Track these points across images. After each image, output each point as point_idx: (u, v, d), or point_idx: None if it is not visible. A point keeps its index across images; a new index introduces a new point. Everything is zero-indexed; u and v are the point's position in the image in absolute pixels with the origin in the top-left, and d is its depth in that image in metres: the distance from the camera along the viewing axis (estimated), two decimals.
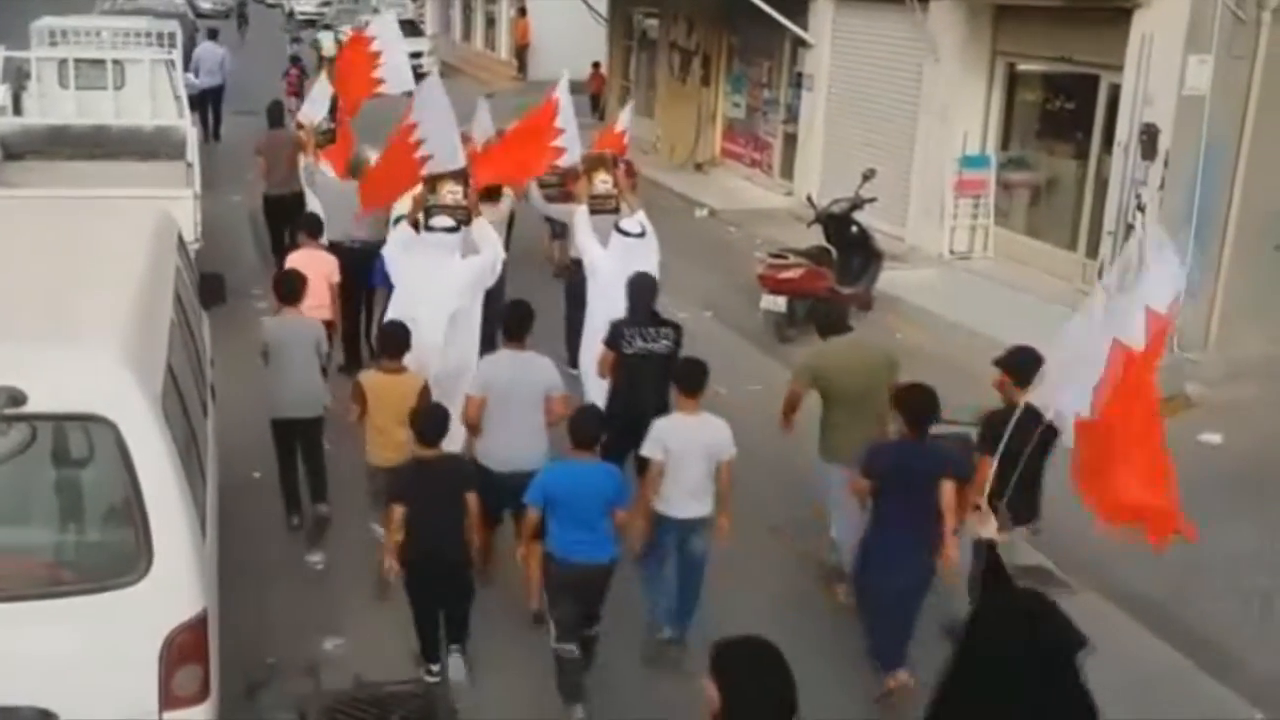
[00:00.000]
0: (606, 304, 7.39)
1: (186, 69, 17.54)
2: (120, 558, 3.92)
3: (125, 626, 3.87)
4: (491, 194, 9.00)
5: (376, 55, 9.81)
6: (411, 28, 31.64)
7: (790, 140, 16.28)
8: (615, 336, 6.77)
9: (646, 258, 7.73)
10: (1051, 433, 4.85)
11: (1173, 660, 6.20)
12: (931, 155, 12.82)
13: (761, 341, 10.70)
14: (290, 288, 7.13)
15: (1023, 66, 12.46)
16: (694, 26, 18.59)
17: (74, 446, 4.08)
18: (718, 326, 11.05)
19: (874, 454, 5.61)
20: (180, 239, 6.37)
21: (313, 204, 9.67)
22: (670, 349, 6.73)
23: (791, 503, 7.65)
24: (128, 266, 5.00)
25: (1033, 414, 4.78)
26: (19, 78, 13.97)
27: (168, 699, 3.92)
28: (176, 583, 3.94)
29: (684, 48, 19.03)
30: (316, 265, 8.05)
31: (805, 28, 15.07)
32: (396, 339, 6.43)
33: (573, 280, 8.93)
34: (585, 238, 8.02)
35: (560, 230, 10.87)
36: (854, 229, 11.16)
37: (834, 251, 10.93)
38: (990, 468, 4.89)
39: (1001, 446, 4.70)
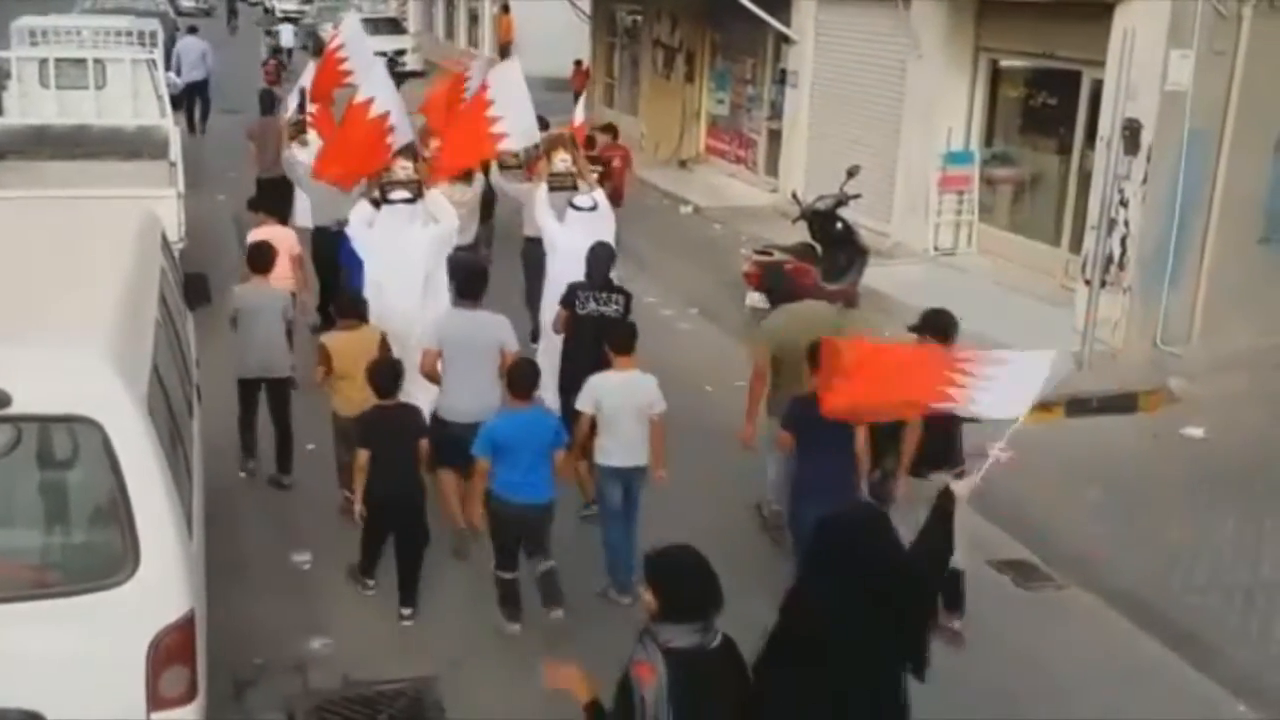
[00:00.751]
0: (566, 274, 7.74)
1: (168, 68, 17.48)
2: (107, 559, 3.90)
3: (112, 628, 3.85)
4: (464, 176, 9.40)
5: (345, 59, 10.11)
6: (394, 26, 31.62)
7: (775, 137, 16.30)
8: (570, 297, 7.35)
9: (601, 229, 8.20)
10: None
11: (1156, 653, 6.24)
12: (915, 151, 12.86)
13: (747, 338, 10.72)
14: (261, 258, 7.65)
15: (1006, 62, 12.50)
16: (677, 23, 18.60)
17: (59, 448, 4.05)
18: (703, 323, 11.07)
19: (792, 406, 6.02)
20: (164, 239, 6.34)
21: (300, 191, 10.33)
22: (619, 313, 7.24)
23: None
24: (112, 267, 4.98)
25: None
26: None
27: (155, 700, 3.90)
28: (163, 584, 3.92)
29: (667, 44, 19.05)
30: (278, 240, 8.46)
31: (789, 24, 15.09)
32: (351, 303, 7.15)
33: (531, 256, 9.39)
34: (543, 214, 8.44)
35: None
36: (839, 225, 11.18)
37: (819, 248, 10.95)
38: (918, 430, 5.59)
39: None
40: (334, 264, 8.89)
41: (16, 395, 3.78)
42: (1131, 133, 9.68)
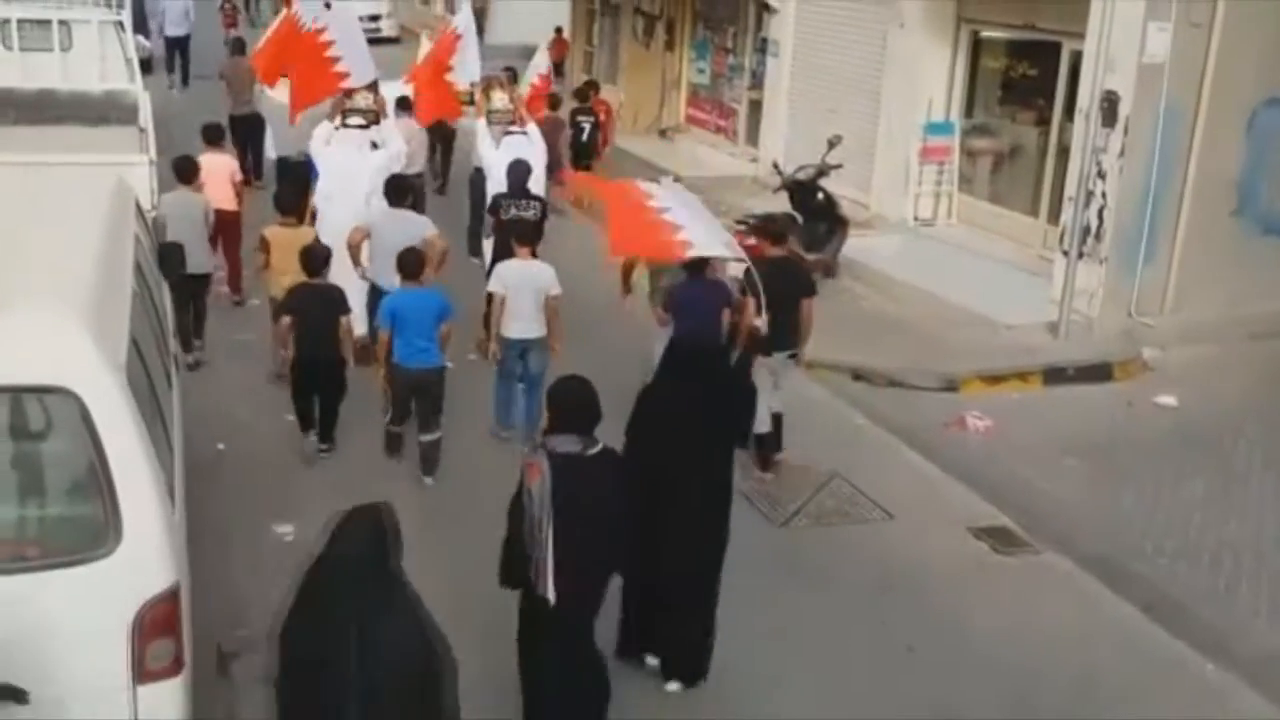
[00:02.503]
0: (498, 189, 9.51)
1: (138, 30, 17.18)
2: (89, 531, 3.86)
3: (96, 601, 3.81)
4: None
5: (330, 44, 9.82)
6: None
7: (755, 107, 16.23)
8: (495, 205, 9.17)
9: (531, 153, 9.87)
10: (805, 280, 7.65)
11: (1129, 615, 6.34)
12: (896, 122, 12.84)
13: None
14: (184, 170, 9.07)
15: (986, 33, 12.48)
16: None
17: (36, 420, 4.00)
18: None
19: (670, 291, 7.48)
20: (138, 206, 6.25)
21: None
22: (536, 216, 8.88)
23: (750, 461, 7.70)
24: (86, 234, 4.89)
25: (786, 264, 7.56)
26: None
27: (141, 673, 3.88)
28: (147, 556, 3.89)
29: (648, 12, 18.89)
30: (219, 166, 9.97)
31: None
32: (290, 202, 8.80)
33: (476, 183, 11.11)
34: (482, 142, 10.34)
35: None
36: (820, 196, 11.19)
37: (799, 218, 10.94)
38: (750, 304, 7.01)
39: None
40: (303, 190, 9.60)
41: None
42: (1109, 105, 9.70)
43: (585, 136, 14.36)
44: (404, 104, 11.56)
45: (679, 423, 5.23)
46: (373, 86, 9.51)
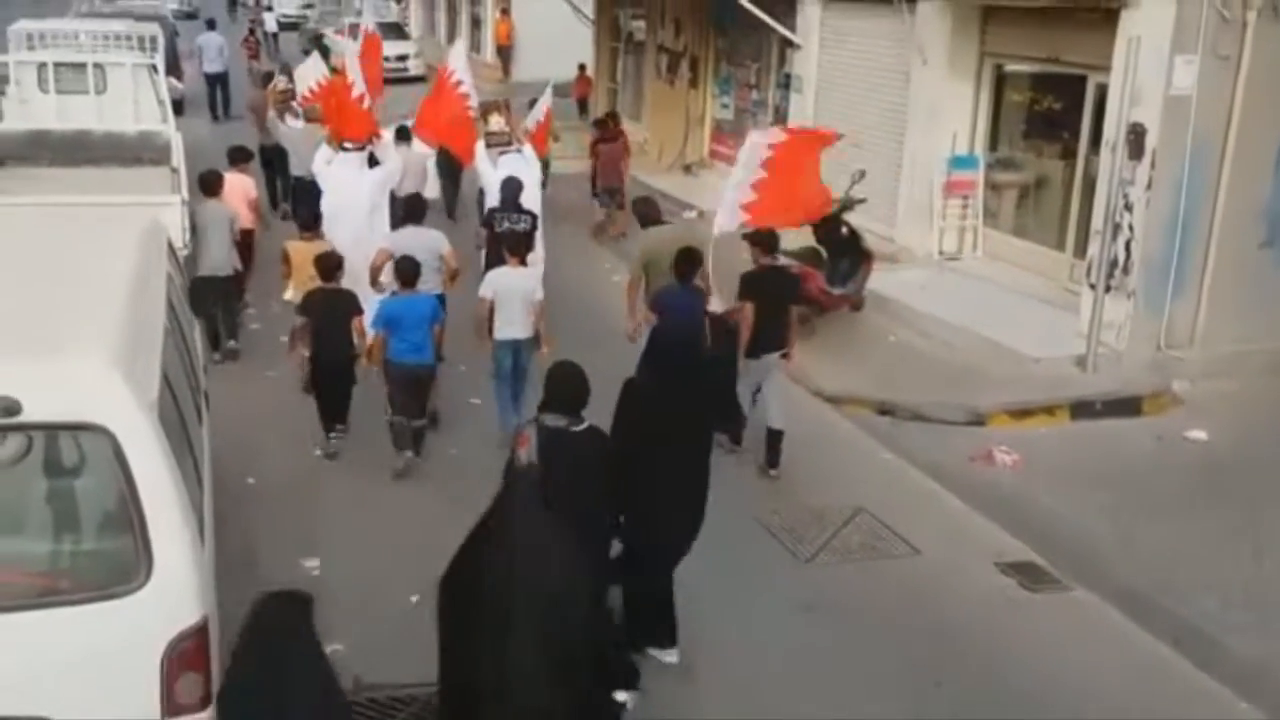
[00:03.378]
0: (493, 204, 10.31)
1: (170, 72, 17.50)
2: (120, 566, 3.91)
3: (126, 635, 3.86)
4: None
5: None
6: (397, 31, 31.65)
7: None
8: (489, 218, 10.06)
9: (524, 171, 10.57)
10: (792, 287, 8.40)
11: (1161, 653, 6.26)
12: (920, 156, 12.86)
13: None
14: (208, 182, 10.07)
15: (1010, 67, 12.51)
16: (681, 28, 18.61)
17: (70, 456, 4.05)
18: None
19: (658, 296, 8.24)
20: (170, 245, 6.35)
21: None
22: (527, 229, 9.59)
23: (777, 496, 7.69)
24: (119, 274, 4.97)
25: (776, 273, 8.31)
26: None
27: (170, 707, 3.91)
28: (177, 590, 3.93)
29: (671, 49, 19.04)
30: (237, 185, 10.65)
31: (793, 29, 15.10)
32: (308, 219, 9.60)
33: (479, 202, 12.17)
34: (482, 164, 11.04)
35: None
36: (844, 230, 11.18)
37: (824, 252, 10.95)
38: (749, 309, 7.86)
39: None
40: (314, 205, 10.36)
41: (27, 404, 3.78)
42: (1136, 137, 9.68)
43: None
44: (402, 133, 12.49)
45: (661, 404, 5.80)
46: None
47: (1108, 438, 8.93)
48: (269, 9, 41.44)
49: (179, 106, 17.14)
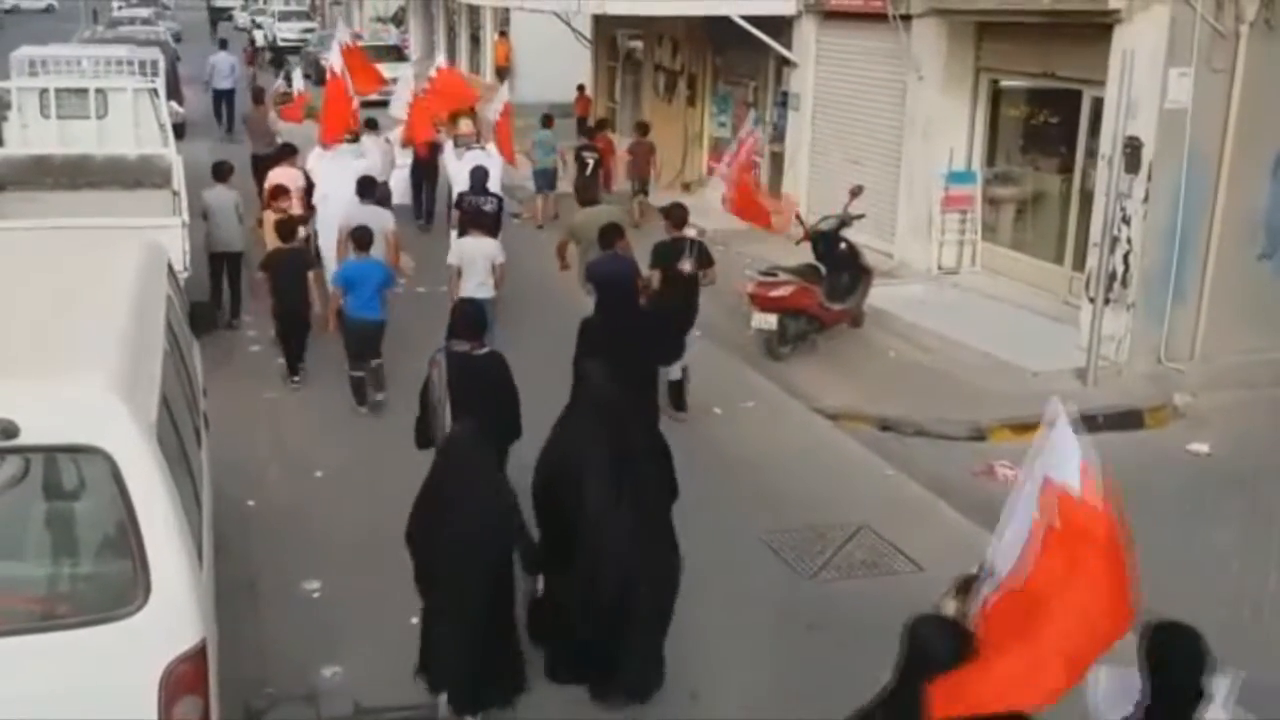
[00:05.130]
0: (461, 189, 11.99)
1: (171, 96, 17.57)
2: (118, 589, 3.90)
3: (124, 658, 3.84)
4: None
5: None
6: (397, 54, 31.76)
7: (777, 159, 16.35)
8: (459, 201, 11.77)
9: (488, 161, 12.29)
10: (701, 257, 9.35)
11: None
12: (918, 172, 12.90)
13: (754, 360, 10.75)
14: (219, 170, 11.58)
15: (1006, 82, 12.55)
16: (679, 47, 18.68)
17: (68, 478, 4.06)
18: (710, 345, 11.04)
19: (591, 266, 9.30)
20: (170, 268, 6.36)
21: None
22: (493, 209, 11.21)
23: (779, 513, 7.67)
24: (118, 296, 4.98)
25: (681, 243, 9.35)
26: None
27: None
28: (175, 613, 3.91)
29: (669, 68, 19.12)
30: (290, 176, 12.00)
31: (790, 47, 15.16)
32: (284, 190, 11.13)
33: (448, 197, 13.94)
34: (448, 158, 13.27)
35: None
36: (843, 246, 11.20)
37: (823, 268, 10.97)
38: (656, 275, 9.12)
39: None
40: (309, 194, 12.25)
41: (25, 426, 3.78)
42: (1132, 151, 9.71)
43: (589, 171, 15.53)
44: (371, 124, 14.37)
45: (613, 346, 7.03)
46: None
47: (1110, 451, 8.78)
48: (258, 27, 44.68)
49: (180, 130, 17.21)
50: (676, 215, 9.64)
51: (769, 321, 10.57)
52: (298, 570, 6.84)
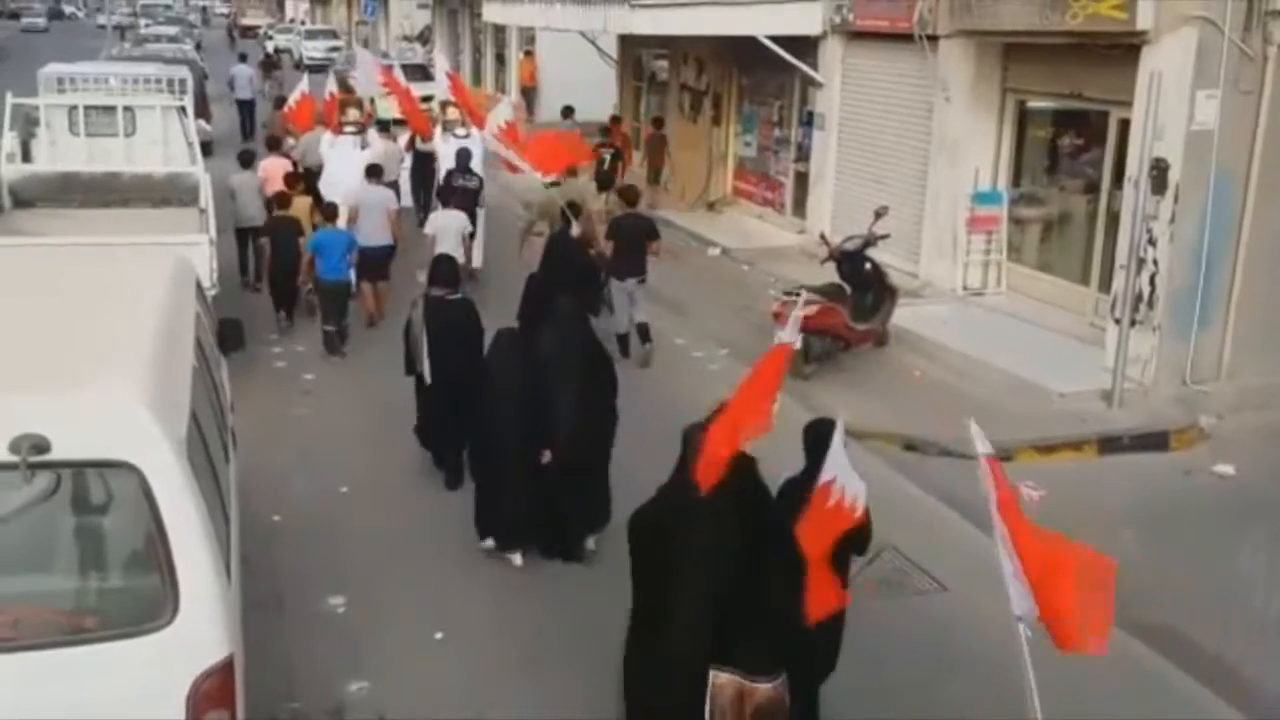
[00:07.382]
0: (448, 167, 13.97)
1: (199, 115, 17.71)
2: (146, 603, 3.92)
3: (152, 672, 3.86)
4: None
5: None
6: (423, 73, 31.97)
7: (802, 179, 16.35)
8: (447, 178, 13.59)
9: (472, 145, 14.01)
10: (647, 228, 11.17)
11: (1192, 690, 6.17)
12: (943, 192, 12.88)
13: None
14: (245, 158, 14.00)
15: (1033, 103, 12.53)
16: (704, 67, 18.75)
17: (98, 493, 4.09)
18: (734, 364, 11.03)
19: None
20: (198, 285, 6.41)
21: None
22: (477, 186, 13.41)
23: None
24: (148, 313, 5.01)
25: (635, 219, 11.20)
26: (27, 125, 13.94)
27: None
28: (203, 628, 3.94)
29: (694, 88, 19.18)
30: (279, 165, 13.80)
31: (815, 67, 15.19)
32: (295, 176, 13.29)
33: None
34: (438, 142, 15.15)
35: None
36: (868, 266, 11.19)
37: (848, 288, 10.95)
38: (610, 246, 11.03)
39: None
40: (314, 185, 14.05)
41: (56, 441, 3.80)
42: (1159, 172, 9.67)
43: (606, 165, 16.45)
44: (383, 126, 16.07)
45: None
46: (358, 103, 16.73)
47: (1135, 473, 8.84)
48: (269, 38, 49.75)
49: (207, 148, 17.34)
50: (629, 195, 11.57)
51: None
52: (323, 585, 6.88)
